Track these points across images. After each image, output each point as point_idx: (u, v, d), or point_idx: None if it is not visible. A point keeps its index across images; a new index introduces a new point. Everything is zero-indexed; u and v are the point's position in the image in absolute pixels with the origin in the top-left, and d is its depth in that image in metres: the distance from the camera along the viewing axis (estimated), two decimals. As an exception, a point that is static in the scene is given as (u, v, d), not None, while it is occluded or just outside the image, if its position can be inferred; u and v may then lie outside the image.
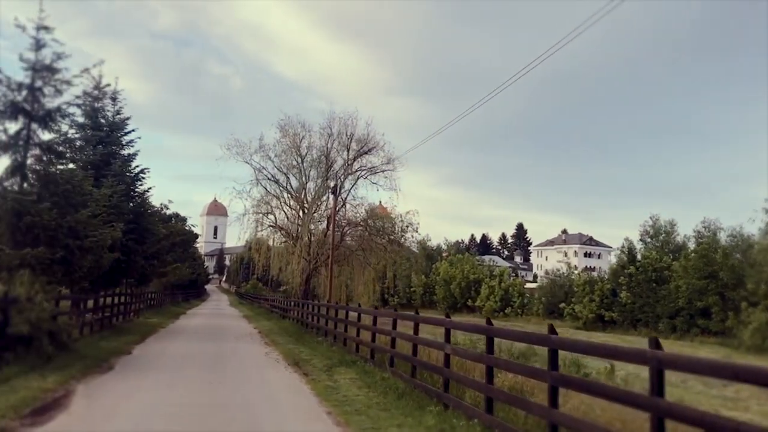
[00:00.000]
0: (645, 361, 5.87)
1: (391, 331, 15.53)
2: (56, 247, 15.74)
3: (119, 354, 18.06)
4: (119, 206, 24.50)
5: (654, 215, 60.86)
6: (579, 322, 57.80)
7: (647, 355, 5.80)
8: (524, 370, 9.30)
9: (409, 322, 15.00)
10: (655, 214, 62.48)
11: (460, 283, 75.69)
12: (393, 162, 44.44)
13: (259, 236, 47.61)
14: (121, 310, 29.58)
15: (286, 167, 46.28)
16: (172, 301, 57.18)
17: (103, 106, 27.15)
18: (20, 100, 15.81)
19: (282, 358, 19.25)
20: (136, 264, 27.09)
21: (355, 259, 44.80)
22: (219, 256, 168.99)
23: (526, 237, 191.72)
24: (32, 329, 13.71)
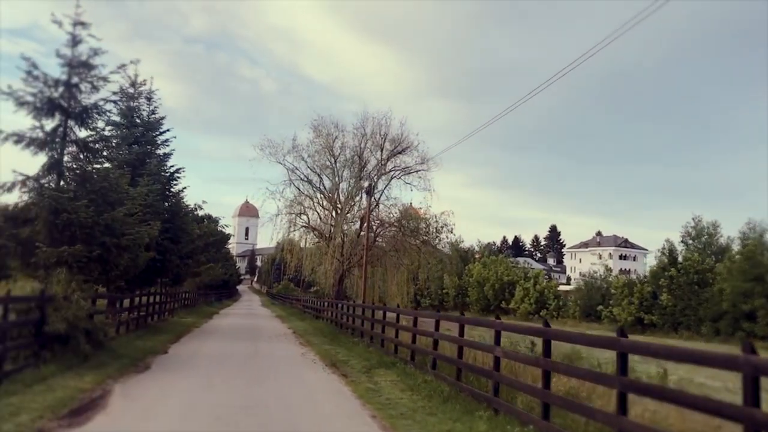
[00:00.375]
0: (737, 367, 5.32)
1: (434, 332, 15.04)
2: (93, 245, 15.55)
3: (155, 353, 17.86)
4: (155, 205, 24.36)
5: (696, 216, 59.46)
6: (617, 325, 56.47)
7: (740, 361, 5.26)
8: (590, 376, 8.73)
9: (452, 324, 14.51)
10: (697, 215, 61.13)
11: (493, 285, 74.83)
12: (427, 162, 43.95)
13: (291, 237, 47.43)
14: (156, 310, 29.53)
15: (319, 167, 46.07)
16: (205, 301, 57.29)
17: (138, 105, 27.06)
18: (57, 96, 15.66)
19: (319, 358, 18.88)
20: (171, 263, 26.96)
21: (388, 259, 44.33)
22: (250, 257, 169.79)
23: (559, 239, 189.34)
24: (69, 328, 13.50)
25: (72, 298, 14.08)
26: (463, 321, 13.50)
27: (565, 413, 9.21)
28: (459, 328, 13.30)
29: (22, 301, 12.96)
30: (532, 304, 69.38)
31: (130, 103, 26.44)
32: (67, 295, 14.08)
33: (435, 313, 15.73)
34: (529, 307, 68.66)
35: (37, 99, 15.32)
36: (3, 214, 15.32)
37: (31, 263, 15.39)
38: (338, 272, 44.37)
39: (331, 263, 44.02)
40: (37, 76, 15.31)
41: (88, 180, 15.89)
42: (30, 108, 15.36)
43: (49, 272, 15.07)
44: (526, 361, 10.55)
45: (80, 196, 15.41)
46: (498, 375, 10.96)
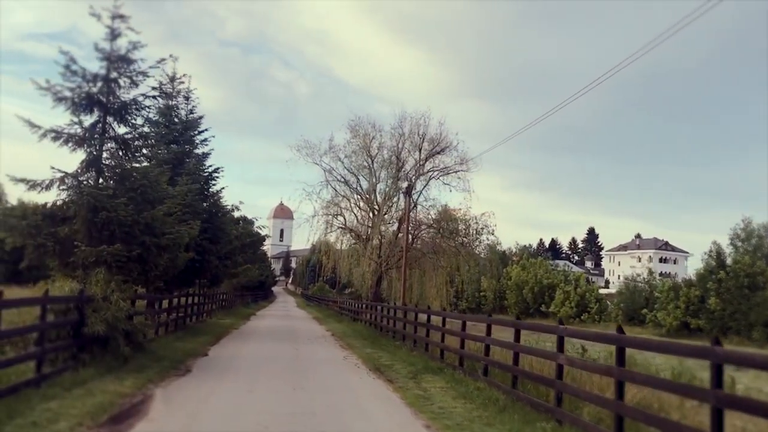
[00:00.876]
0: None
1: (485, 337, 14.31)
2: (132, 245, 15.12)
3: (195, 355, 17.42)
4: (193, 205, 23.98)
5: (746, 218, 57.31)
6: (662, 329, 55.01)
7: None
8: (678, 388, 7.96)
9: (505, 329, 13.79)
10: (747, 217, 58.98)
11: (532, 288, 73.57)
12: (467, 162, 43.08)
13: (328, 238, 46.95)
14: (195, 311, 29.23)
15: (356, 168, 45.49)
16: (242, 302, 57.16)
17: (176, 104, 26.78)
18: (95, 92, 15.27)
19: (361, 362, 18.27)
20: (210, 264, 26.58)
21: (426, 261, 43.60)
22: (285, 259, 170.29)
23: (597, 242, 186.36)
24: (108, 329, 13.08)
25: (111, 299, 13.66)
26: (519, 326, 12.74)
27: (639, 426, 8.47)
28: (515, 334, 12.54)
29: (61, 301, 12.56)
30: (572, 307, 67.93)
31: (168, 102, 26.14)
32: (106, 295, 13.66)
33: (486, 317, 14.97)
34: (570, 311, 67.21)
35: (75, 94, 14.93)
36: (41, 213, 14.97)
37: (70, 263, 15.02)
38: (375, 274, 43.76)
39: (368, 265, 43.45)
40: (75, 71, 14.92)
41: (127, 178, 15.46)
42: (68, 104, 14.98)
43: (87, 272, 14.67)
44: (597, 369, 9.75)
45: (119, 193, 14.99)
46: (561, 384, 10.21)
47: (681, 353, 8.08)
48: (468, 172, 43.09)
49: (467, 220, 42.77)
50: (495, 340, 14.01)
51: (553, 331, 10.67)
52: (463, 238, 43.33)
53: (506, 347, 13.18)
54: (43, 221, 14.78)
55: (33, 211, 14.95)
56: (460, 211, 42.99)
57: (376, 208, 44.86)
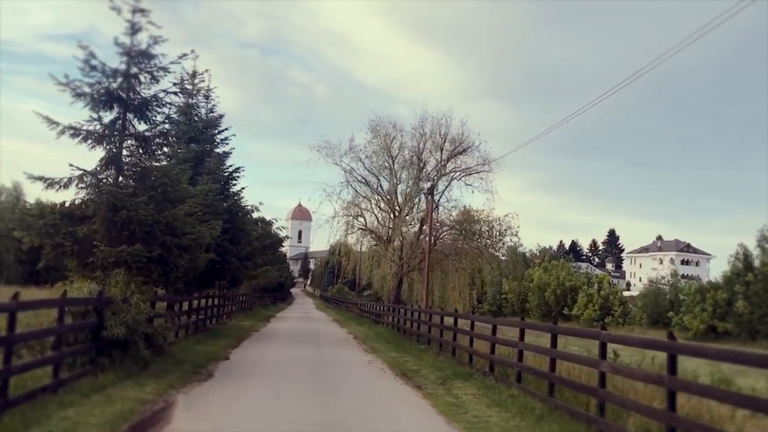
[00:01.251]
0: None
1: (518, 342, 13.69)
2: (153, 245, 14.64)
3: (217, 359, 16.96)
4: (214, 205, 23.54)
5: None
6: (689, 333, 53.93)
7: None
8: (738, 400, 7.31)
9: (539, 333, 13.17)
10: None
11: (555, 291, 72.58)
12: (489, 163, 42.34)
13: (348, 239, 46.45)
14: (215, 313, 28.84)
15: (376, 169, 44.92)
16: (261, 304, 56.84)
17: (196, 102, 26.40)
18: (115, 87, 14.84)
19: (387, 367, 17.72)
20: (231, 265, 26.12)
21: (448, 263, 42.94)
22: (303, 260, 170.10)
23: (618, 244, 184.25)
24: (128, 332, 12.62)
25: (131, 301, 13.21)
26: (556, 331, 12.09)
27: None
28: (551, 339, 11.91)
29: (79, 303, 12.11)
30: (596, 310, 66.94)
31: (188, 100, 25.75)
32: (125, 297, 13.21)
33: (519, 322, 14.36)
34: (593, 314, 66.22)
35: (94, 90, 14.49)
36: (59, 212, 14.55)
37: (89, 263, 14.59)
38: (396, 276, 43.17)
39: (389, 267, 42.87)
40: (94, 66, 14.49)
41: (148, 176, 15.01)
42: (87, 100, 14.55)
43: (107, 273, 14.23)
44: (646, 378, 9.10)
45: (139, 192, 14.53)
46: (604, 392, 9.58)
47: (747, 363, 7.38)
48: (490, 173, 42.40)
49: (490, 221, 42.03)
50: (530, 346, 13.41)
51: (595, 336, 10.05)
52: (486, 240, 42.61)
53: (542, 353, 12.57)
54: (61, 220, 14.34)
55: (51, 210, 14.53)
56: (483, 212, 42.30)
57: (397, 209, 44.27)
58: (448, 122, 43.21)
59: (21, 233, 14.63)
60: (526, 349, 13.43)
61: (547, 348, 11.98)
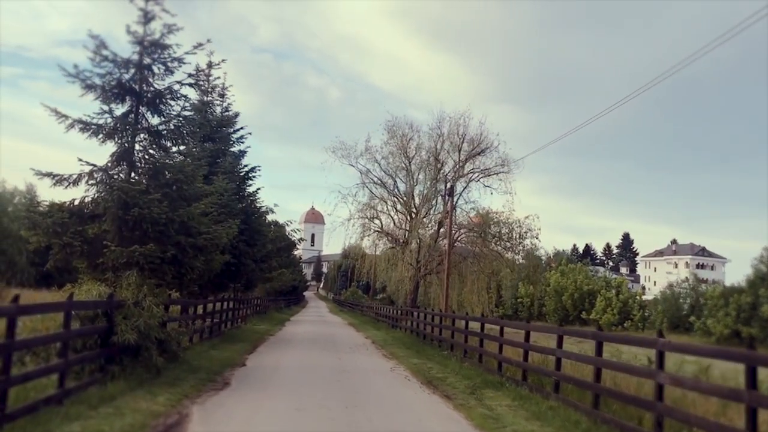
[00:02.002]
0: None
1: (555, 349, 12.77)
2: (166, 245, 13.83)
3: (233, 366, 16.14)
4: (230, 205, 22.81)
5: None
6: (712, 338, 52.58)
7: None
8: None
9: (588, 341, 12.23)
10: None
11: (572, 294, 71.20)
12: (508, 164, 41.37)
13: (364, 242, 45.58)
14: (230, 317, 28.06)
15: (393, 170, 44.08)
16: (275, 307, 56.12)
17: (211, 99, 25.68)
18: (128, 78, 14.05)
19: (411, 374, 16.84)
20: (246, 268, 25.36)
21: (466, 266, 41.97)
22: (316, 264, 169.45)
23: (632, 247, 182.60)
24: (140, 338, 11.82)
25: (143, 304, 12.42)
26: (602, 338, 11.13)
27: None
28: (596, 347, 10.96)
29: (87, 307, 11.30)
30: (615, 314, 65.60)
31: (203, 97, 25.04)
32: (137, 300, 12.42)
33: (556, 328, 13.38)
34: (612, 318, 64.87)
35: (105, 81, 13.73)
36: (68, 210, 13.75)
37: (99, 264, 13.79)
38: (413, 279, 42.27)
39: (406, 270, 41.97)
40: (106, 56, 13.71)
41: (161, 172, 14.19)
42: (98, 92, 13.77)
43: (118, 275, 13.46)
44: (718, 392, 8.11)
45: (153, 189, 13.73)
46: (663, 407, 8.66)
47: None
48: (509, 174, 41.46)
49: (510, 223, 41.04)
50: (570, 354, 12.49)
51: (650, 344, 9.12)
52: (506, 243, 41.61)
53: (585, 362, 11.64)
54: (69, 219, 13.55)
55: (59, 208, 13.73)
56: (503, 214, 41.30)
57: (414, 211, 43.38)
58: (466, 122, 42.38)
59: (28, 233, 13.87)
60: (566, 357, 12.50)
61: (592, 356, 11.03)
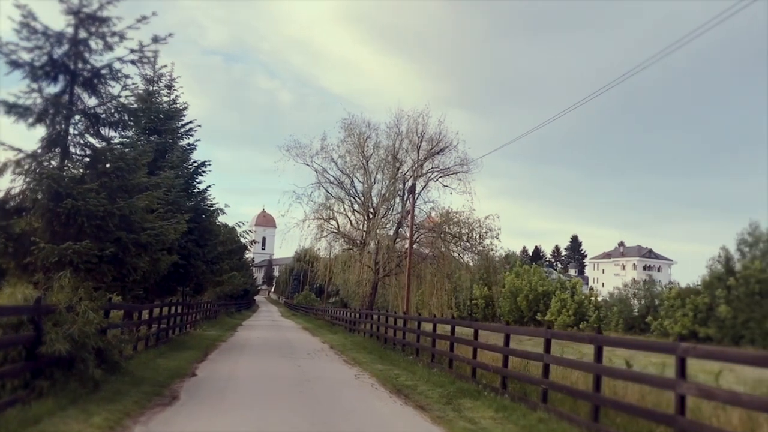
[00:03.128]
0: None
1: (543, 354, 11.58)
2: (105, 242, 12.22)
3: (182, 376, 14.58)
4: (178, 202, 21.15)
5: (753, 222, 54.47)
6: (669, 338, 52.50)
7: None
8: None
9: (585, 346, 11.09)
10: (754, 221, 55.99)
11: (527, 296, 70.84)
12: (467, 164, 40.45)
13: (320, 243, 44.09)
14: (178, 322, 26.31)
15: (350, 169, 42.77)
16: (226, 312, 54.24)
17: (158, 90, 23.92)
18: (60, 54, 12.41)
19: (378, 383, 15.49)
20: (196, 270, 23.62)
21: (426, 267, 40.84)
22: (267, 267, 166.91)
23: (580, 249, 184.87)
24: (74, 347, 10.24)
25: (78, 309, 10.82)
26: (602, 342, 9.88)
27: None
28: (596, 351, 9.78)
29: (9, 312, 9.64)
30: (570, 316, 65.41)
31: (149, 87, 23.30)
32: (71, 305, 10.82)
33: (545, 331, 12.16)
34: (568, 319, 64.62)
35: (35, 57, 12.08)
36: (-11, 201, 12.06)
37: (27, 264, 12.12)
38: (372, 281, 40.96)
39: (365, 271, 40.66)
40: (35, 29, 12.05)
41: (99, 160, 12.57)
42: (26, 70, 12.10)
43: (49, 276, 11.80)
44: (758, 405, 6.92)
45: (89, 178, 12.12)
46: (688, 422, 7.50)
47: None
48: (468, 174, 40.55)
49: (470, 223, 40.01)
50: (563, 360, 11.31)
51: (670, 350, 7.95)
52: (466, 243, 40.60)
53: (584, 369, 10.46)
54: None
55: (-22, 201, 12.02)
56: (463, 214, 40.28)
57: (371, 212, 42.10)
58: (425, 121, 41.28)
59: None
60: (556, 363, 11.33)
61: (592, 363, 9.84)
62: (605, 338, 10.01)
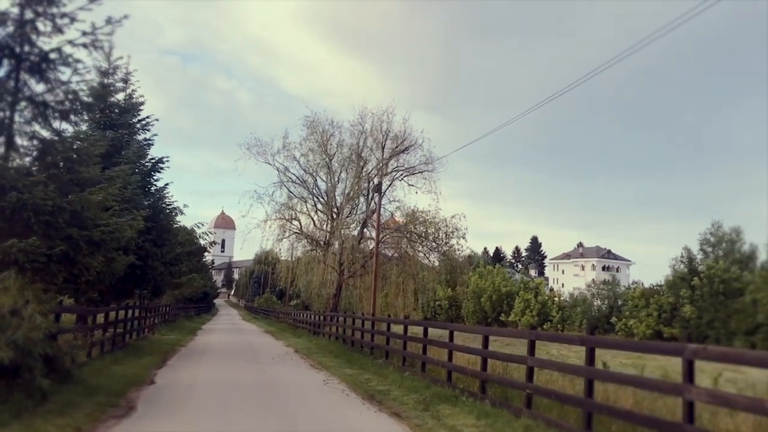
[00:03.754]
0: None
1: (527, 357, 10.94)
2: (54, 239, 11.24)
3: (139, 384, 13.63)
4: (134, 200, 20.09)
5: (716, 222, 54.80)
6: (635, 338, 52.71)
7: None
8: None
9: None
10: (717, 221, 56.27)
11: (491, 296, 70.70)
12: (433, 162, 39.79)
13: (282, 244, 43.05)
14: (135, 326, 25.15)
15: (313, 168, 41.83)
16: (185, 315, 52.89)
17: (113, 83, 22.74)
18: (4, 36, 11.40)
19: (348, 388, 14.71)
20: (154, 271, 22.52)
21: (391, 268, 40.14)
22: (227, 270, 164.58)
23: (540, 250, 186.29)
24: (18, 355, 9.28)
25: (24, 313, 9.84)
26: (593, 343, 9.22)
27: None
28: (587, 355, 9.11)
29: (-57, 317, 8.68)
30: (534, 316, 65.41)
31: (103, 80, 22.13)
32: (16, 308, 9.83)
33: (528, 332, 11.50)
34: (531, 320, 64.55)
35: (-25, 38, 11.06)
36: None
37: (-33, 265, 11.06)
38: (336, 283, 40.11)
39: (329, 273, 39.78)
40: (-25, 8, 11.06)
41: (49, 151, 11.57)
42: (-34, 52, 11.10)
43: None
44: None
45: (37, 171, 11.13)
46: (694, 429, 6.91)
47: None
48: (434, 173, 39.96)
49: (436, 223, 39.43)
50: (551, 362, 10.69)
51: (676, 351, 7.33)
52: (432, 243, 39.99)
53: (573, 373, 9.84)
54: (-73, 208, 10.79)
55: None
56: (429, 213, 39.66)
57: (335, 211, 41.24)
58: (389, 119, 40.54)
59: None
60: (541, 366, 10.70)
61: (582, 366, 9.21)
62: (599, 340, 9.40)
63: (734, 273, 49.78)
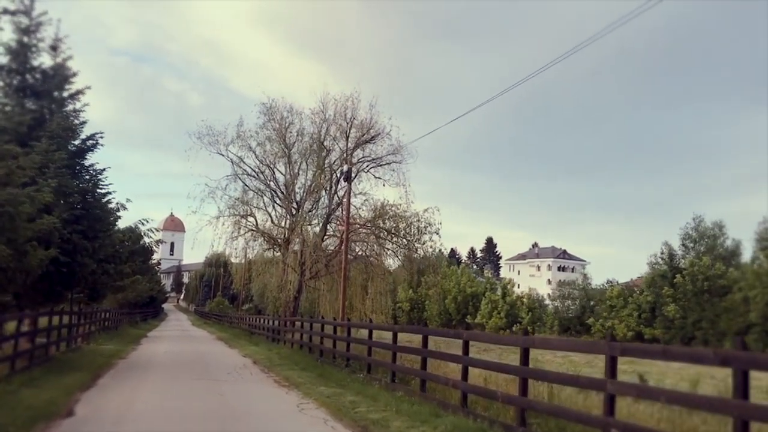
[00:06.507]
0: None
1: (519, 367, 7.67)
2: None
3: (50, 418, 10.00)
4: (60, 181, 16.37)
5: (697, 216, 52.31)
6: (620, 340, 50.23)
7: None
8: None
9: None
10: (698, 215, 54.17)
11: (455, 298, 67.82)
12: (401, 152, 36.47)
13: (238, 242, 39.19)
14: (64, 335, 21.19)
15: (271, 159, 38.13)
16: (129, 322, 48.65)
17: (35, 44, 18.94)
18: None
19: (331, 416, 11.28)
20: (85, 269, 18.64)
21: (356, 267, 36.72)
22: (176, 274, 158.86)
23: (495, 251, 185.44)
24: None
25: None
26: (615, 351, 6.11)
27: None
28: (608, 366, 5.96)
29: None
30: (502, 318, 62.63)
31: (22, 38, 18.35)
32: None
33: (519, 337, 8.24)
34: (499, 322, 61.85)
35: None
36: None
37: None
38: (296, 285, 36.51)
39: (289, 274, 36.18)
40: None
41: None
42: None
43: None
44: None
45: None
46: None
47: None
48: (402, 164, 36.66)
49: (408, 217, 36.11)
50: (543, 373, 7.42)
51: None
52: (403, 239, 36.64)
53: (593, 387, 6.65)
54: None
55: None
56: (400, 207, 36.31)
57: (295, 206, 37.62)
58: (354, 105, 37.05)
59: None
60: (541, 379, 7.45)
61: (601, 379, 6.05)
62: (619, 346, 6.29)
63: (719, 269, 47.58)
